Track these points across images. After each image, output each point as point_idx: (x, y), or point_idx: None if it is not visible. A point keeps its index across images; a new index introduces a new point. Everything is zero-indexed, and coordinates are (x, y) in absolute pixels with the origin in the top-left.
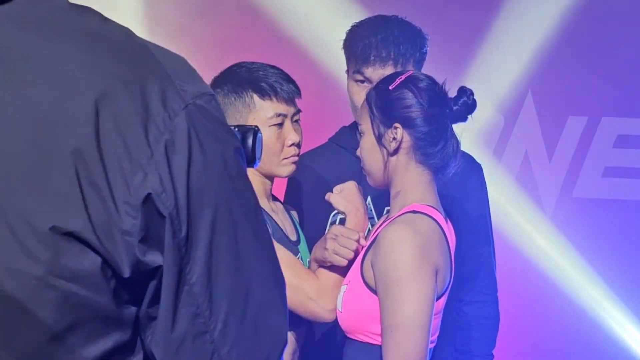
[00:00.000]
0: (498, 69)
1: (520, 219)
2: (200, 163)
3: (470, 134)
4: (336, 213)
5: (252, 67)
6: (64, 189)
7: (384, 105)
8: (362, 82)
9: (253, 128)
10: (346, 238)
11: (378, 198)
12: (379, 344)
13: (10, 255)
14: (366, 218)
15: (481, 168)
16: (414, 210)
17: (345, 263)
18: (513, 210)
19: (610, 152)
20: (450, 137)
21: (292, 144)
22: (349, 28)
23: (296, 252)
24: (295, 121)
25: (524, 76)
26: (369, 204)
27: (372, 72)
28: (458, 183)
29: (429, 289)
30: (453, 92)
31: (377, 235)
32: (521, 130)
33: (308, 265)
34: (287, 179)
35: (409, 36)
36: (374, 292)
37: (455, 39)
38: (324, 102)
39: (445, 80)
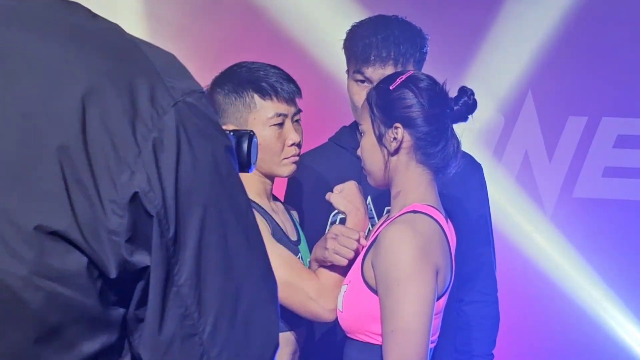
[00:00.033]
0: (498, 69)
1: (520, 219)
2: (190, 161)
3: (470, 134)
4: (336, 213)
5: (253, 67)
6: (49, 187)
7: (385, 105)
8: (362, 82)
9: (248, 133)
10: (346, 237)
11: (378, 198)
12: (380, 344)
13: None
14: (366, 218)
15: (481, 168)
16: (414, 210)
17: (345, 263)
18: (513, 210)
19: (610, 152)
20: (451, 137)
21: (293, 144)
22: (349, 28)
23: (296, 252)
24: (296, 121)
25: (524, 76)
26: (369, 204)
27: (373, 72)
28: (458, 183)
29: (429, 289)
30: (453, 92)
31: (378, 235)
32: (521, 130)
33: (308, 265)
34: (288, 178)
35: (409, 36)
36: (375, 292)
37: (455, 39)
38: (324, 102)
39: (446, 80)
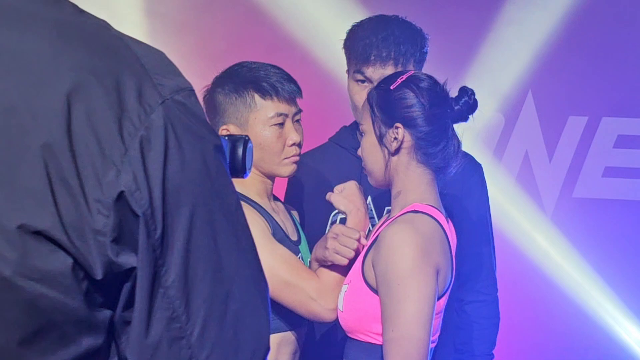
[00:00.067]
0: (498, 69)
1: (520, 219)
2: (178, 160)
3: (470, 134)
4: (337, 213)
5: (253, 67)
6: (32, 185)
7: (385, 105)
8: (363, 82)
9: (243, 137)
10: (347, 237)
11: (379, 198)
12: (380, 343)
13: None
14: (367, 217)
15: (481, 168)
16: (415, 210)
17: (346, 262)
18: (513, 210)
19: (610, 152)
20: (452, 137)
21: (293, 144)
22: (349, 28)
23: (297, 252)
24: (297, 121)
25: (524, 76)
26: (370, 204)
27: (373, 72)
28: (459, 183)
29: (430, 289)
30: (454, 92)
31: (378, 235)
32: (521, 130)
33: (309, 265)
34: (288, 178)
35: (410, 36)
36: (375, 292)
37: (455, 39)
38: (324, 102)
39: (447, 80)
